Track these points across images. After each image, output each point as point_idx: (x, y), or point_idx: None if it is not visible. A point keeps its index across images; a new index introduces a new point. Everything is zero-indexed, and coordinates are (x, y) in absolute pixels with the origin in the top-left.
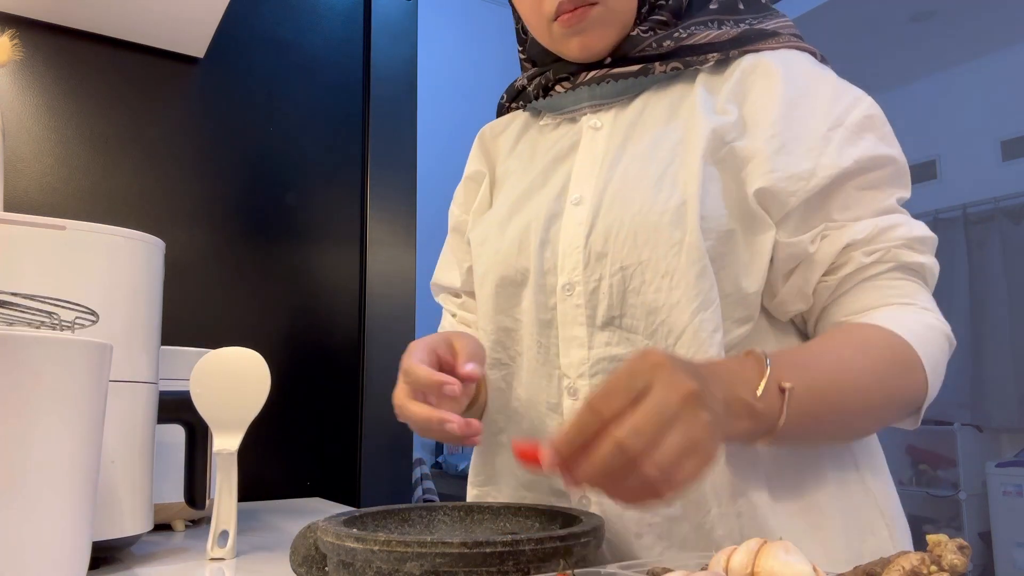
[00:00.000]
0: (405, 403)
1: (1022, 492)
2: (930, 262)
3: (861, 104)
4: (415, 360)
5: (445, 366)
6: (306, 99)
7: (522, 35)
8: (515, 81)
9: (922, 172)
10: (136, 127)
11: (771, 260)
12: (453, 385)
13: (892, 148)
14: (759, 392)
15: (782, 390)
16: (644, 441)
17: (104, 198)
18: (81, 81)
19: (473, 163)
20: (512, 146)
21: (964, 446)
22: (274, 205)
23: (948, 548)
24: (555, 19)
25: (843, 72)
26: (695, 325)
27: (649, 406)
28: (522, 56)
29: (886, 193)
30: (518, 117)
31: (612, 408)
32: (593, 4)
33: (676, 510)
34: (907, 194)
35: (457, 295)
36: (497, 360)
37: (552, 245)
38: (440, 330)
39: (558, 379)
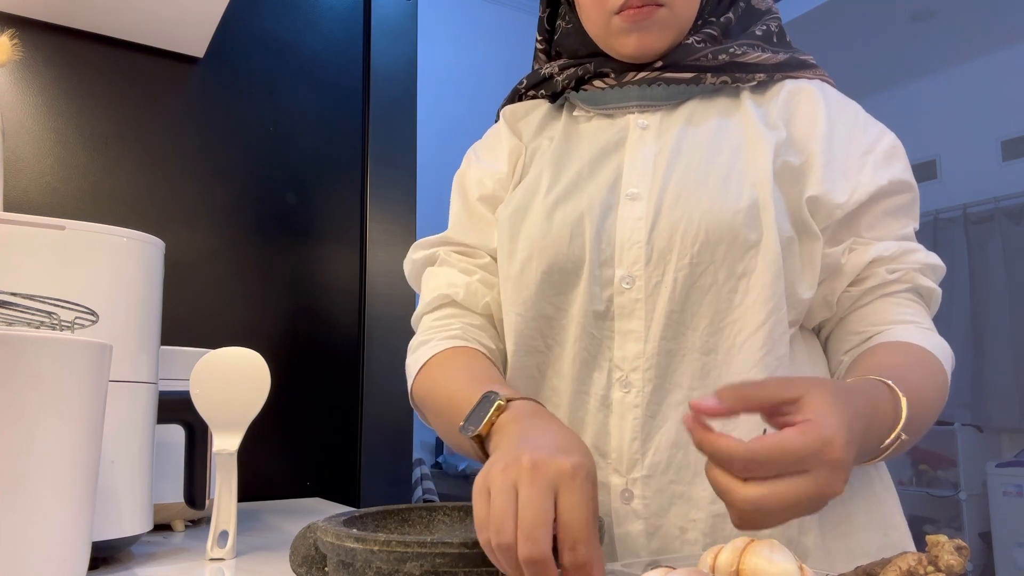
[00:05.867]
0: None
1: (1022, 492)
2: (937, 291)
3: (887, 135)
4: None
5: None
6: (306, 99)
7: (546, 25)
8: (539, 69)
9: (922, 172)
10: (136, 127)
11: None
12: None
13: (912, 178)
14: (885, 444)
15: (897, 436)
16: (760, 517)
17: (104, 198)
18: (81, 81)
19: (509, 138)
20: (537, 131)
21: (964, 446)
22: (274, 205)
23: (946, 549)
24: (618, 12)
25: (843, 72)
26: (770, 325)
27: (789, 495)
28: (540, 47)
29: (902, 221)
30: (540, 105)
31: (759, 474)
32: (660, 5)
33: (723, 507)
34: (918, 225)
35: (476, 255)
36: (533, 347)
37: (608, 237)
38: (446, 288)
39: (609, 371)
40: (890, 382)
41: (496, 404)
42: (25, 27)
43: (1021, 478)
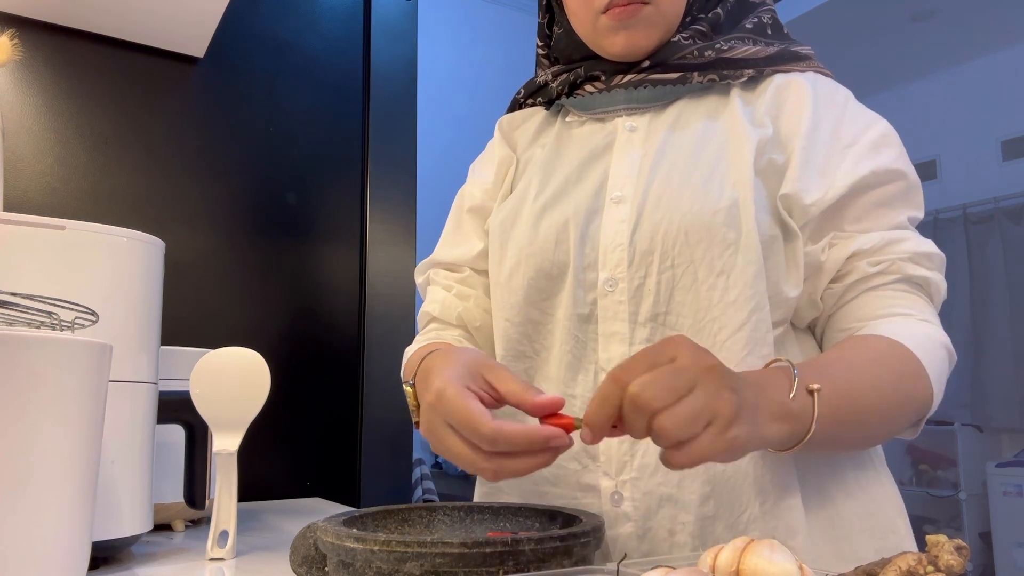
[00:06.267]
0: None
1: (1022, 492)
2: (936, 278)
3: (878, 125)
4: (477, 413)
5: (487, 404)
6: (306, 99)
7: (546, 31)
8: (535, 77)
9: (922, 172)
10: (136, 127)
11: None
12: (561, 438)
13: (906, 166)
14: (792, 395)
15: (811, 392)
16: (654, 392)
17: (104, 198)
18: (81, 81)
19: (501, 148)
20: (532, 139)
21: (964, 446)
22: (274, 205)
23: (945, 549)
24: (604, 11)
25: (843, 72)
26: (752, 324)
27: (666, 368)
28: (541, 52)
29: (897, 211)
30: (536, 113)
31: (631, 376)
32: (645, 3)
33: (710, 510)
34: (919, 214)
35: (458, 270)
36: (521, 352)
37: (592, 241)
38: (429, 306)
39: (595, 374)
40: (785, 359)
41: (409, 396)
42: (25, 27)
43: (1021, 478)
